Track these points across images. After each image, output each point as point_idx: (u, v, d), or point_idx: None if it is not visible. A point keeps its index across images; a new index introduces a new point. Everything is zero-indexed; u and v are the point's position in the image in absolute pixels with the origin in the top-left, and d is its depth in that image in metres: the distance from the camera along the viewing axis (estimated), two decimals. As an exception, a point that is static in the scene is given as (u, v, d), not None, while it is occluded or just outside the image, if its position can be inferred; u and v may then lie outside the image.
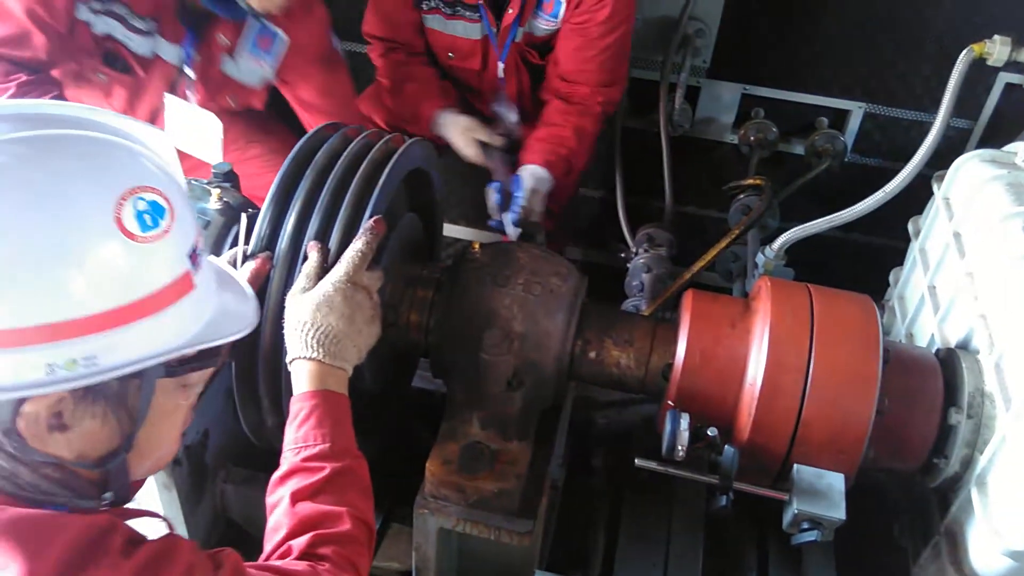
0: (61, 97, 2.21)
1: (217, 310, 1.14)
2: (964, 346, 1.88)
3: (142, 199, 1.00)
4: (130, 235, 0.99)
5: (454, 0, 2.64)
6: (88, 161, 1.00)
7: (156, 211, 1.02)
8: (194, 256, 1.09)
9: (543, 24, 2.69)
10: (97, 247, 0.97)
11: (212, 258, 1.24)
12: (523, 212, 2.52)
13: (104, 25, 2.24)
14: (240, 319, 1.20)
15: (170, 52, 2.38)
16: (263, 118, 2.93)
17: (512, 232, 2.55)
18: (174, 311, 1.05)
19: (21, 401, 0.99)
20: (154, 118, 2.53)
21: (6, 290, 0.93)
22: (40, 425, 1.01)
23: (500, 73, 2.77)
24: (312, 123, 2.73)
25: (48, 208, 0.95)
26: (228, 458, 2.02)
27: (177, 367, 1.09)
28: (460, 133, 2.73)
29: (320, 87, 2.70)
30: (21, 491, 1.03)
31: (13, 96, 2.08)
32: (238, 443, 1.90)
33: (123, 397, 1.07)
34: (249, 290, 1.30)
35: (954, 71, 2.34)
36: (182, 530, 1.92)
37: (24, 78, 2.10)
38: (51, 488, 1.05)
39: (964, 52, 2.34)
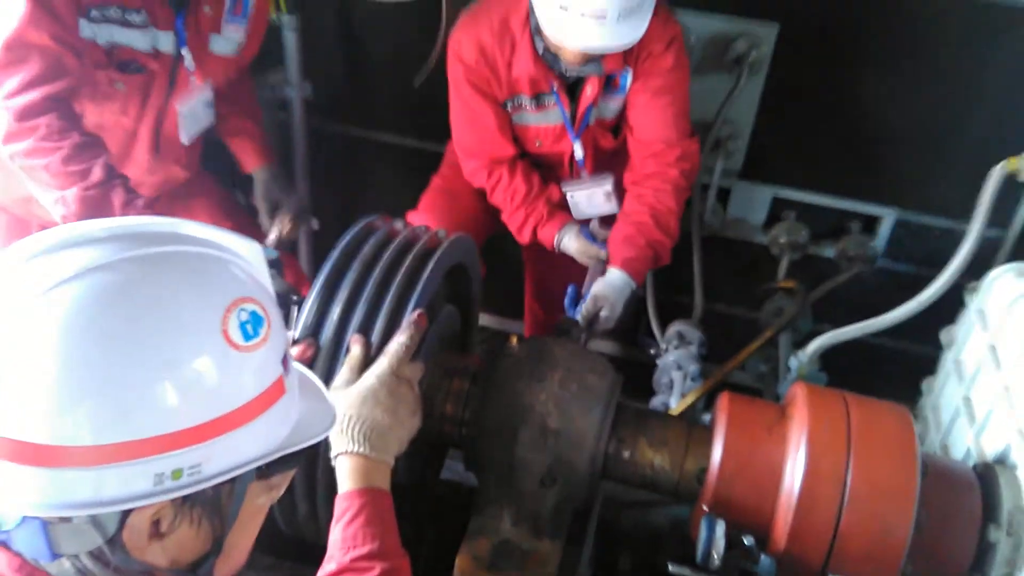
0: (110, 160, 2.21)
1: (302, 410, 1.16)
2: (1002, 461, 1.86)
3: (244, 310, 1.03)
4: (235, 345, 1.01)
5: (538, 93, 2.69)
6: (193, 277, 1.02)
7: (256, 321, 1.04)
8: (285, 361, 1.11)
9: (613, 103, 2.74)
10: (206, 359, 0.99)
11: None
12: (582, 320, 2.55)
13: (106, 34, 2.24)
14: (322, 416, 1.21)
15: (165, 41, 2.36)
16: (200, 177, 2.89)
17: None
18: (270, 414, 1.07)
19: (127, 512, 0.99)
20: (162, 117, 2.49)
21: (118, 405, 0.93)
22: (141, 534, 1.02)
23: (579, 155, 2.80)
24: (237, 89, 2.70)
25: (160, 324, 0.97)
26: (253, 545, 2.00)
27: (266, 469, 1.10)
28: (578, 252, 2.80)
29: (257, 47, 2.67)
30: None
31: (67, 157, 2.11)
32: (263, 530, 1.89)
33: (217, 502, 1.08)
34: (320, 383, 1.31)
35: (987, 186, 2.37)
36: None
37: (77, 139, 2.13)
38: None
39: (999, 167, 2.37)
